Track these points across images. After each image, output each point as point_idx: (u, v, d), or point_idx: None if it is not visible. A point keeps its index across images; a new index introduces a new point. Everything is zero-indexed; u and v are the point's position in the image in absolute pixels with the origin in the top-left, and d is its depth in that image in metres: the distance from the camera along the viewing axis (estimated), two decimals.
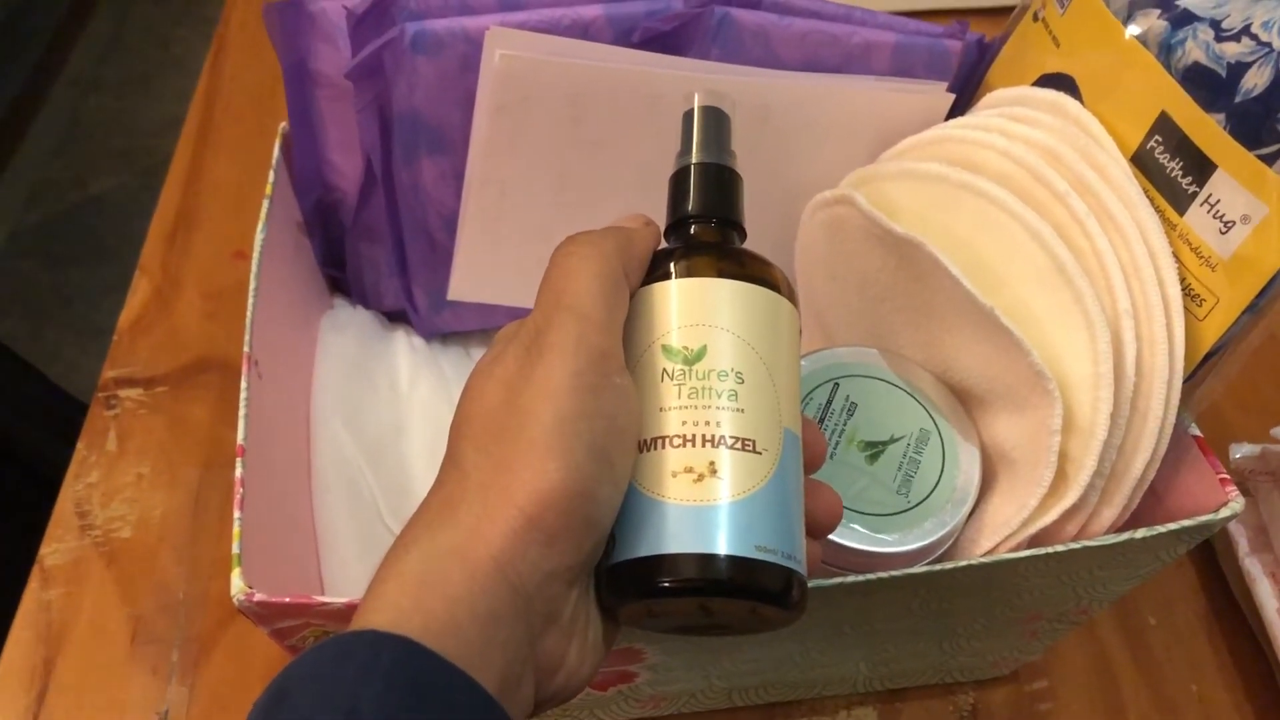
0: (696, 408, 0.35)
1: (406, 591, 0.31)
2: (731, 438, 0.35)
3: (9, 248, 1.90)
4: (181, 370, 0.70)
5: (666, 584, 0.34)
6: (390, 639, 0.29)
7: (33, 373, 1.08)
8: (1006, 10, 0.56)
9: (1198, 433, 0.47)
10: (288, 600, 0.39)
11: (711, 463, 0.34)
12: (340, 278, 0.63)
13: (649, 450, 0.35)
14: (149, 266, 0.76)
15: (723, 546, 0.33)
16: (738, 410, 0.35)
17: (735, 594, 0.34)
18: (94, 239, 1.89)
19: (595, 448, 0.32)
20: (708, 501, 0.34)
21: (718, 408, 0.35)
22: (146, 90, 2.16)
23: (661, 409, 0.35)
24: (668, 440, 0.35)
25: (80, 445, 0.66)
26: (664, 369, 0.36)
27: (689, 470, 0.34)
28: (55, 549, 0.61)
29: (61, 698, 0.55)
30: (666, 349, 0.36)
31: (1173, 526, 0.43)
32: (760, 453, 0.35)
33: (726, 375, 0.35)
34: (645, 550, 0.34)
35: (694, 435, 0.35)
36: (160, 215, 0.80)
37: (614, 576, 0.35)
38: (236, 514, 0.42)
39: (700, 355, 0.36)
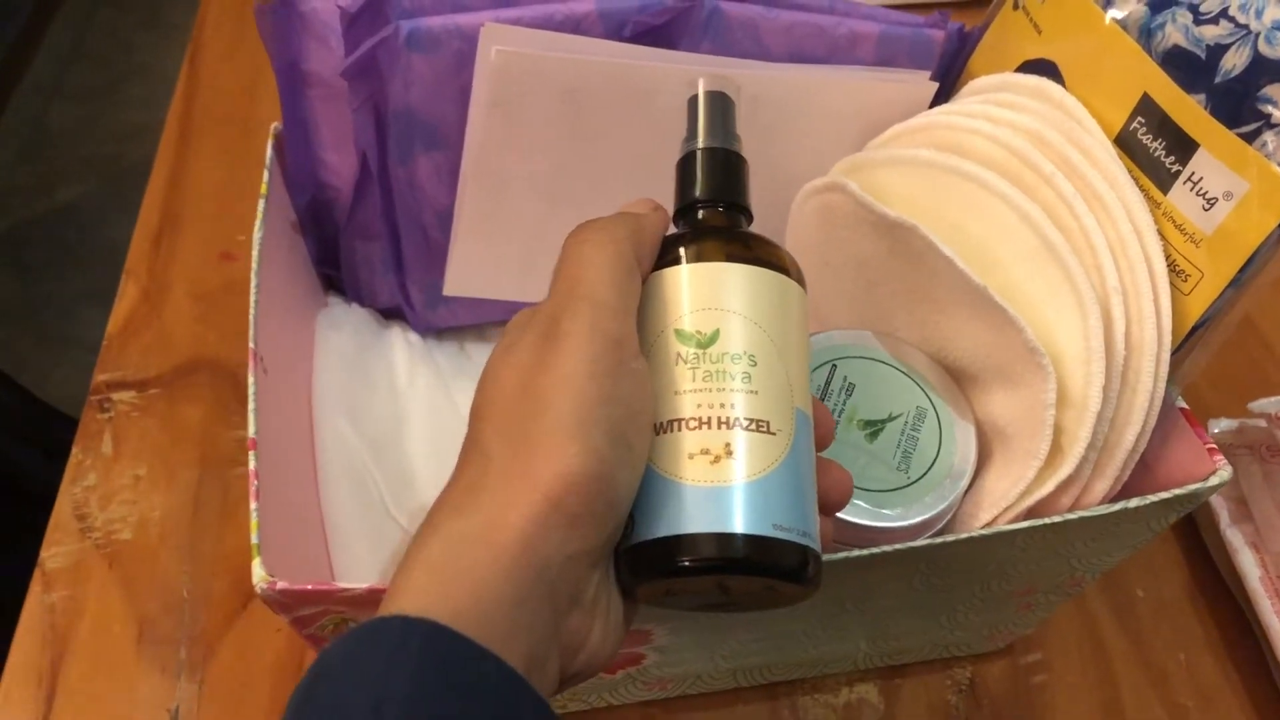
0: (711, 390, 0.36)
1: (433, 577, 0.31)
2: (746, 419, 0.36)
3: None
4: (173, 372, 0.70)
5: (686, 563, 0.34)
6: (418, 623, 0.30)
7: (7, 381, 1.07)
8: (985, 1, 0.58)
9: (1184, 405, 0.48)
10: (310, 588, 0.40)
11: (727, 444, 0.35)
12: (335, 276, 0.64)
13: (666, 433, 0.36)
14: (135, 270, 0.76)
15: (740, 526, 0.34)
16: (751, 392, 0.36)
17: (753, 571, 0.35)
18: (63, 247, 1.87)
19: (614, 433, 0.33)
20: (724, 482, 0.35)
21: (732, 390, 0.36)
22: (112, 97, 2.14)
23: (677, 392, 0.36)
24: (684, 423, 0.36)
25: (75, 449, 0.66)
26: (678, 353, 0.36)
27: (705, 452, 0.35)
28: (55, 552, 0.61)
29: (70, 700, 0.55)
30: (680, 333, 0.37)
31: (1164, 495, 0.45)
32: (774, 433, 0.36)
33: (740, 358, 0.36)
34: (664, 531, 0.35)
35: (709, 417, 0.35)
36: (144, 219, 0.80)
37: (634, 557, 0.35)
38: (253, 504, 0.43)
39: (713, 339, 0.37)
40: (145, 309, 0.74)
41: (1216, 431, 0.64)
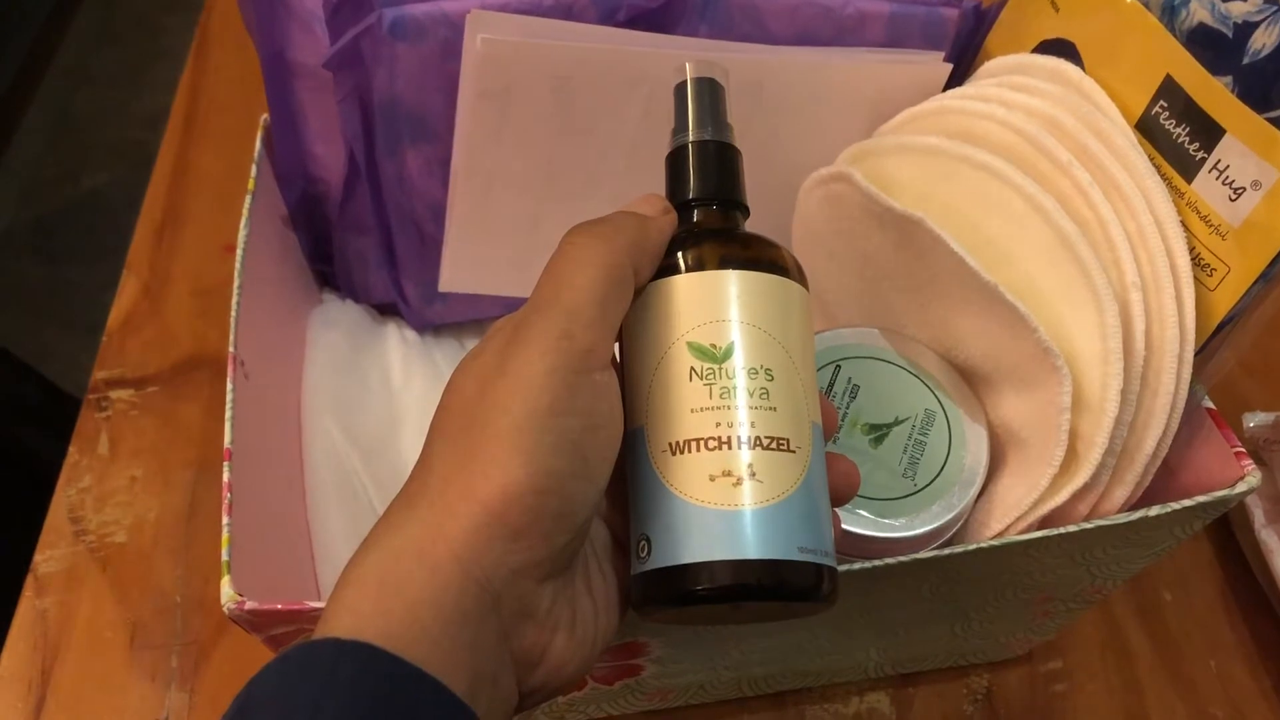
0: (729, 408, 0.34)
1: (366, 595, 0.30)
2: (766, 438, 0.34)
3: (4, 245, 1.88)
4: (172, 369, 0.69)
5: (710, 592, 0.33)
6: (351, 646, 0.28)
7: (29, 372, 1.07)
8: None
9: (1211, 405, 0.45)
10: (279, 607, 0.38)
11: (749, 465, 0.33)
12: (329, 272, 0.62)
13: (682, 453, 0.34)
14: (136, 264, 0.75)
15: (764, 552, 0.33)
16: (770, 409, 0.34)
17: (777, 598, 0.33)
18: (89, 234, 1.88)
19: (565, 445, 0.31)
20: (747, 506, 0.33)
21: (750, 408, 0.34)
22: (137, 81, 2.14)
23: (693, 410, 0.34)
24: (702, 443, 0.34)
25: (72, 449, 0.65)
26: (692, 368, 0.34)
27: (727, 474, 0.33)
28: (49, 556, 0.60)
29: (60, 707, 0.54)
30: (694, 347, 0.35)
31: (1187, 503, 0.42)
32: (794, 451, 0.34)
33: (757, 373, 0.34)
34: (687, 557, 0.33)
35: (729, 437, 0.33)
36: (147, 211, 0.79)
37: (653, 583, 0.34)
38: (225, 519, 0.41)
39: (729, 353, 0.34)
40: (146, 304, 0.73)
41: (1251, 425, 0.61)
